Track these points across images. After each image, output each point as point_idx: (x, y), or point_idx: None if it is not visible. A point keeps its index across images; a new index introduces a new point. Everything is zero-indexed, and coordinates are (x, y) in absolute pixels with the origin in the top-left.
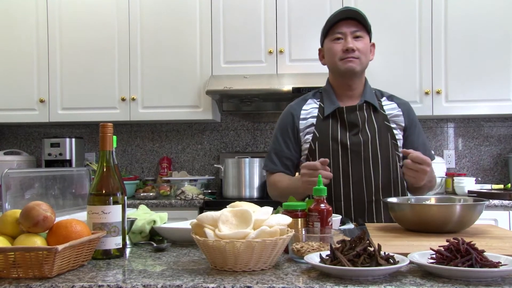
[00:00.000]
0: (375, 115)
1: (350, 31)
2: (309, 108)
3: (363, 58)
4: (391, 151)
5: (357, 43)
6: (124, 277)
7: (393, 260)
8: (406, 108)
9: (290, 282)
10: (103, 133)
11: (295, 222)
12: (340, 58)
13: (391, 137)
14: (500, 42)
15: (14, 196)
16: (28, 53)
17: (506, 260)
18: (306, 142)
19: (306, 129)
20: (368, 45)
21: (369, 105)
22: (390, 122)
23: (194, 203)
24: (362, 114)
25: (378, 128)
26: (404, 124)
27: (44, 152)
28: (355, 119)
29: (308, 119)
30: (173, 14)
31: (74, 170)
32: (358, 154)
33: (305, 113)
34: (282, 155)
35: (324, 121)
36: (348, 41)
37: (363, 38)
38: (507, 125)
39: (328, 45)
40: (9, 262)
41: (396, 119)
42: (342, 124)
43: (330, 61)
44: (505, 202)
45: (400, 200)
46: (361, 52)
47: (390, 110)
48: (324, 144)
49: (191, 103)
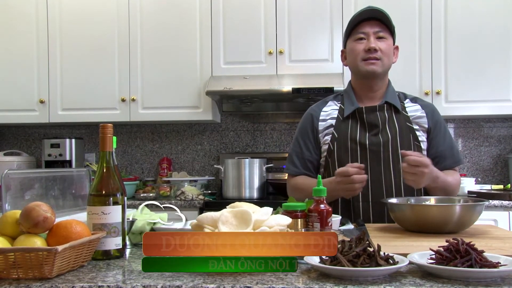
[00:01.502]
0: (397, 116)
1: (373, 31)
2: (329, 109)
3: (386, 59)
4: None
5: (380, 43)
6: (124, 278)
7: (392, 260)
8: (430, 110)
9: (290, 283)
10: (103, 133)
11: (294, 223)
12: (362, 59)
13: (414, 139)
14: (500, 42)
15: (14, 197)
16: (28, 54)
17: (505, 260)
18: (325, 143)
19: (325, 130)
20: (391, 47)
21: (390, 106)
22: (412, 124)
23: (194, 203)
24: (383, 114)
25: (399, 129)
26: (428, 126)
27: (44, 152)
28: (375, 119)
29: (328, 120)
30: (173, 14)
31: (74, 170)
32: (377, 154)
33: (325, 114)
34: (303, 157)
35: (343, 122)
36: (371, 41)
37: (386, 39)
38: (507, 126)
39: (350, 45)
40: (9, 262)
41: (419, 121)
42: (362, 125)
43: (352, 62)
44: (505, 202)
45: (400, 200)
46: (384, 53)
47: (413, 111)
48: (343, 145)
49: (191, 104)
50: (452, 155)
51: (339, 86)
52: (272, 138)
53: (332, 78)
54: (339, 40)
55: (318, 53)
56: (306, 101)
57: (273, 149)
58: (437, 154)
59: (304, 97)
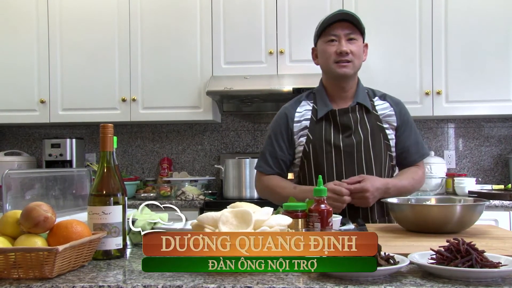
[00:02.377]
0: (368, 116)
1: (344, 34)
2: (302, 110)
3: (356, 61)
4: (383, 152)
5: (351, 46)
6: (125, 278)
7: (393, 260)
8: (399, 108)
9: (291, 283)
10: (104, 133)
11: (295, 223)
12: (334, 61)
13: (384, 138)
14: (500, 42)
15: (14, 197)
16: (28, 54)
17: (506, 260)
18: (300, 145)
19: (300, 132)
20: (361, 47)
21: (362, 107)
22: (382, 123)
23: (194, 203)
24: (355, 115)
25: (370, 129)
26: (397, 124)
27: (45, 152)
28: (348, 121)
29: (302, 122)
30: (174, 14)
31: (75, 170)
32: (351, 155)
33: (299, 115)
34: (276, 156)
35: (317, 123)
36: (342, 44)
37: (357, 40)
38: (508, 126)
39: (322, 46)
40: (9, 262)
41: (389, 119)
42: (335, 126)
43: (324, 63)
44: (506, 202)
45: (400, 200)
46: (355, 55)
47: (383, 110)
48: (318, 147)
49: (192, 104)
50: (417, 150)
51: None
52: None
53: None
54: None
55: None
56: None
57: None
58: (404, 149)
59: None
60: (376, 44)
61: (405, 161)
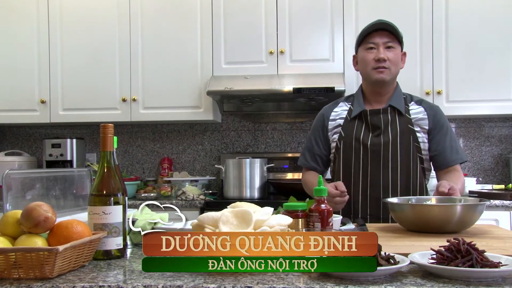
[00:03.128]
0: (399, 119)
1: (383, 42)
2: (339, 110)
3: (393, 68)
4: (412, 154)
5: (388, 53)
6: (125, 278)
7: (393, 260)
8: (433, 112)
9: (291, 283)
10: (104, 133)
11: (295, 223)
12: (372, 68)
13: (414, 140)
14: (500, 42)
15: (15, 197)
16: (29, 54)
17: (506, 260)
18: (333, 141)
19: (334, 129)
20: (399, 55)
21: (394, 109)
22: (414, 126)
23: (195, 203)
24: (386, 117)
25: (400, 131)
26: (429, 127)
27: (45, 152)
28: (378, 121)
29: (337, 120)
30: (174, 14)
31: (75, 170)
32: (378, 154)
33: (335, 114)
34: (313, 151)
35: (350, 122)
36: (380, 51)
37: (395, 48)
38: (508, 125)
39: (361, 53)
40: (10, 262)
41: (421, 123)
42: (366, 126)
43: (363, 69)
44: (506, 202)
45: (401, 200)
46: (392, 62)
47: (416, 114)
48: (348, 143)
49: (192, 104)
50: (451, 153)
51: (340, 86)
52: (273, 138)
53: (333, 78)
54: (339, 40)
55: (319, 53)
56: (307, 101)
57: (274, 149)
58: (437, 151)
59: (305, 97)
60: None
61: (440, 163)
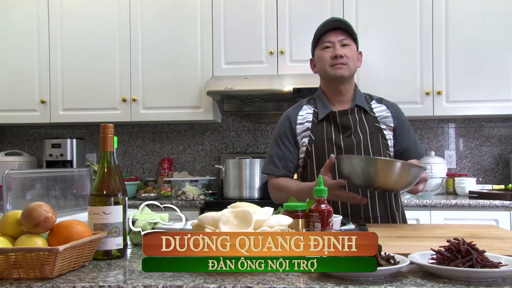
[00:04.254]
0: (366, 118)
1: (338, 40)
2: (304, 113)
3: (351, 64)
4: (382, 151)
5: (344, 50)
6: (125, 278)
7: (393, 260)
8: (395, 110)
9: (291, 283)
10: (104, 133)
11: (295, 223)
12: (330, 65)
13: (382, 138)
14: (501, 42)
15: (15, 197)
16: (29, 54)
17: (506, 260)
18: (303, 145)
19: (302, 133)
20: (355, 52)
21: (360, 109)
22: (380, 124)
23: (195, 203)
24: (354, 117)
25: (369, 130)
26: (393, 125)
27: (45, 152)
28: (347, 122)
29: (304, 124)
30: (174, 14)
31: (75, 170)
32: (351, 154)
33: (301, 118)
34: (284, 158)
35: (318, 124)
36: (337, 48)
37: (350, 46)
38: (508, 126)
39: (318, 53)
40: (10, 262)
41: (386, 120)
42: (336, 127)
43: (320, 68)
44: (506, 202)
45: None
46: (349, 58)
47: (380, 112)
48: (320, 146)
49: (192, 104)
50: (416, 149)
51: None
52: None
53: None
54: None
55: None
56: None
57: None
58: (403, 149)
59: (305, 97)
60: (376, 44)
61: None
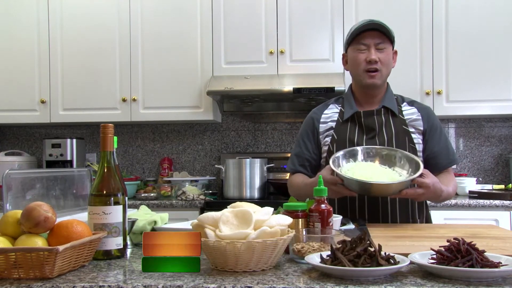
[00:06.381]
0: (393, 120)
1: (374, 43)
2: (330, 112)
3: (384, 70)
4: None
5: (380, 54)
6: (125, 278)
7: (393, 260)
8: (426, 113)
9: (291, 283)
10: (104, 133)
11: (295, 223)
12: (363, 70)
13: (409, 141)
14: (501, 42)
15: (15, 197)
16: (29, 54)
17: (506, 260)
18: (325, 145)
19: (325, 132)
20: (390, 56)
21: (388, 110)
22: (408, 127)
23: (195, 203)
24: (380, 118)
25: (395, 132)
26: (423, 128)
27: (45, 152)
28: (372, 123)
29: (328, 123)
30: (174, 14)
31: (75, 170)
32: None
33: (325, 117)
34: (301, 156)
35: (343, 124)
36: (372, 52)
37: (386, 49)
38: (508, 125)
39: (352, 54)
40: (10, 262)
41: (415, 124)
42: (360, 128)
43: (353, 70)
44: (506, 202)
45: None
46: (383, 64)
47: (409, 115)
48: (341, 146)
49: (192, 104)
50: (447, 156)
51: (340, 86)
52: (273, 138)
53: (333, 78)
54: (340, 40)
55: (319, 53)
56: (307, 101)
57: (274, 149)
58: (432, 154)
59: (305, 97)
60: None
61: (434, 167)
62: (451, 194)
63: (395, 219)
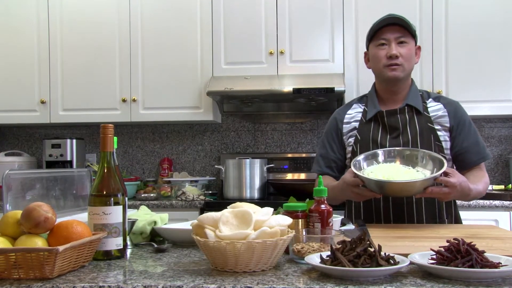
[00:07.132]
0: (418, 118)
1: (394, 37)
2: (353, 112)
3: (406, 64)
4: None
5: (401, 49)
6: (125, 278)
7: (393, 260)
8: (453, 108)
9: (291, 283)
10: (104, 134)
11: (295, 223)
12: (384, 65)
13: (435, 139)
14: (500, 42)
15: (15, 197)
16: (29, 54)
17: (506, 260)
18: (349, 145)
19: (349, 133)
20: (412, 50)
21: (412, 108)
22: (434, 124)
23: (194, 204)
24: (403, 117)
25: (420, 130)
26: (450, 125)
27: (45, 153)
28: (395, 122)
29: (352, 123)
30: (174, 15)
31: (75, 171)
32: None
33: (349, 117)
34: (327, 157)
35: (366, 124)
36: (392, 47)
37: (408, 43)
38: (508, 126)
39: (373, 50)
40: (10, 263)
41: (441, 120)
42: (383, 127)
43: (375, 66)
44: (506, 202)
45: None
46: (405, 59)
47: (435, 111)
48: (365, 147)
49: (192, 104)
50: (477, 151)
51: (340, 87)
52: (273, 139)
53: (333, 79)
54: (339, 40)
55: (319, 53)
56: (307, 101)
57: (274, 149)
58: (462, 150)
59: (305, 97)
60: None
61: (464, 163)
62: (481, 192)
63: (421, 219)
